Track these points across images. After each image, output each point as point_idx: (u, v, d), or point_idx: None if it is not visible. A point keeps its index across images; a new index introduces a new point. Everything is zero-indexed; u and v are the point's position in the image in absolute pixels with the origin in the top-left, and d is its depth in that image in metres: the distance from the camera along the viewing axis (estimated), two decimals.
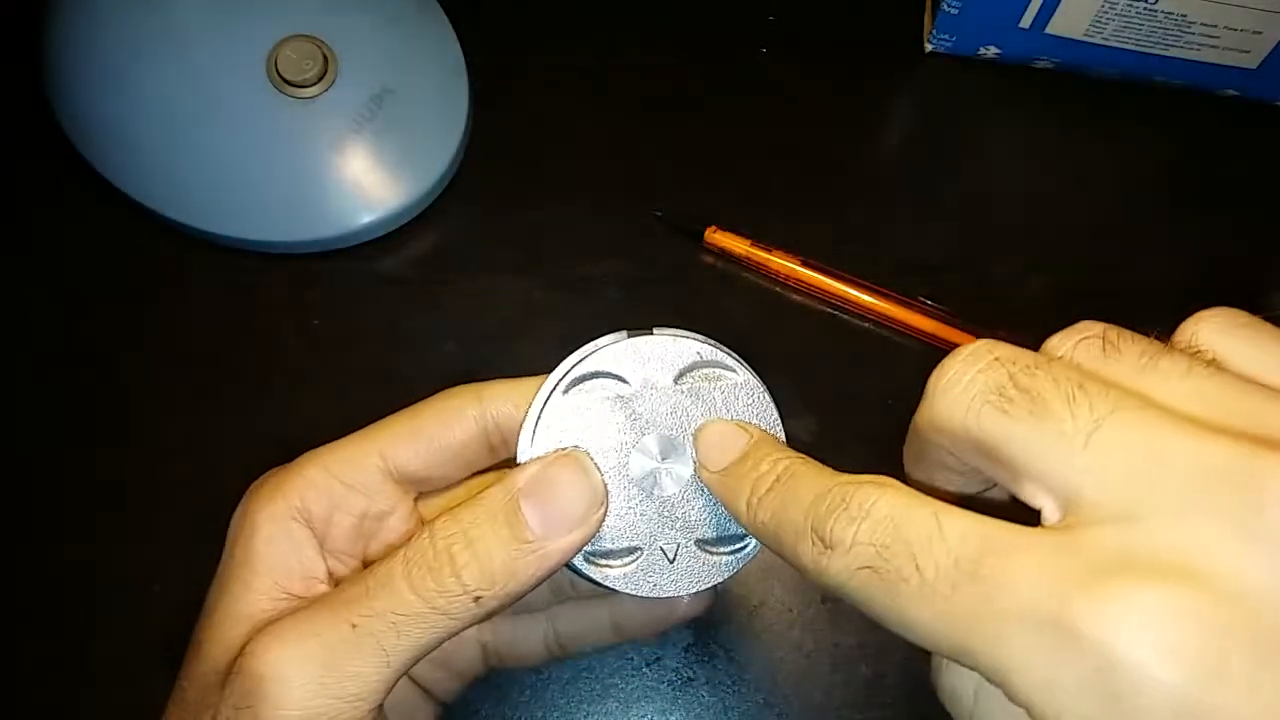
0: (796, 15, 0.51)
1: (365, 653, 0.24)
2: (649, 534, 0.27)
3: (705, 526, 0.27)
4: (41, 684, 0.38)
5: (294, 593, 0.27)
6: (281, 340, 0.44)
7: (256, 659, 0.24)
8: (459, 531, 0.25)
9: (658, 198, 0.46)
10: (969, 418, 0.19)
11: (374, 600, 0.24)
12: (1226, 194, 0.49)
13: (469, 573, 0.24)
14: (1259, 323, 0.20)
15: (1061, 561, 0.17)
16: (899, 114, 0.51)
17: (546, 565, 0.25)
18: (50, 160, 0.45)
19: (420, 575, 0.24)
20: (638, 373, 0.27)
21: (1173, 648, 0.15)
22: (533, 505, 0.25)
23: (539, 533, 0.25)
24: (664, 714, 0.38)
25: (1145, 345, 0.19)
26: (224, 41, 0.43)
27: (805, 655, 0.39)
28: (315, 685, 0.23)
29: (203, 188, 0.43)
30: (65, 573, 0.40)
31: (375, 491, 0.28)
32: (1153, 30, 0.46)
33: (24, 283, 0.44)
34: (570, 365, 0.27)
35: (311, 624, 0.24)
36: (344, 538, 0.28)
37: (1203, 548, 0.16)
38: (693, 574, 0.27)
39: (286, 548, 0.27)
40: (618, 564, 0.27)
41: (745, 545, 0.28)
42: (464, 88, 0.47)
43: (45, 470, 0.41)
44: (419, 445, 0.28)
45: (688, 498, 0.27)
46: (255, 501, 0.27)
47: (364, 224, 0.44)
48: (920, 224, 0.47)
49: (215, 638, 0.26)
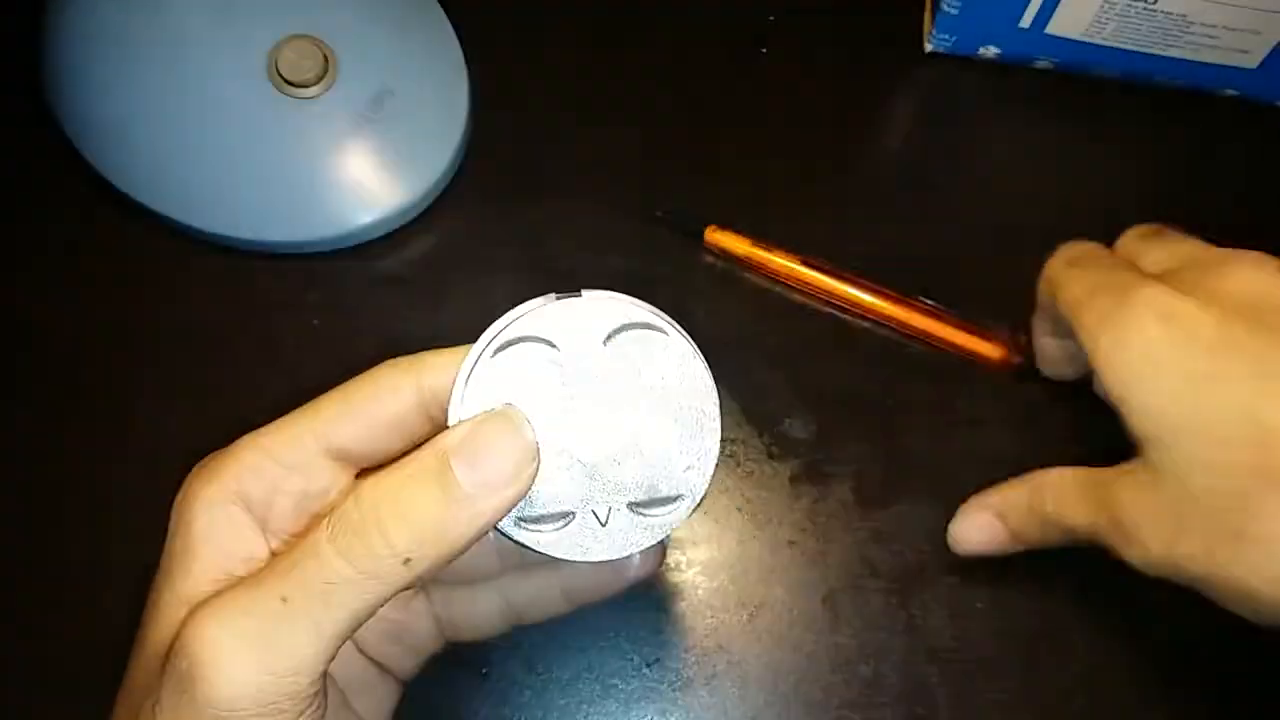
0: (796, 15, 0.51)
1: (297, 625, 0.23)
2: (580, 497, 0.27)
3: (637, 489, 0.27)
4: (42, 684, 0.38)
5: (236, 574, 0.26)
6: (281, 340, 0.44)
7: (190, 640, 0.23)
8: (386, 493, 0.24)
9: (658, 198, 0.46)
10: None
11: (302, 570, 0.24)
12: (1226, 194, 0.49)
13: (397, 534, 0.24)
14: (1156, 229, 0.38)
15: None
16: (899, 114, 0.51)
17: (478, 524, 0.25)
18: (50, 160, 0.45)
19: (346, 540, 0.24)
20: (566, 336, 0.27)
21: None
22: (463, 462, 0.25)
23: (470, 490, 0.24)
24: (664, 714, 0.38)
25: (1143, 242, 0.38)
26: (224, 41, 0.43)
27: (805, 655, 0.39)
28: (251, 662, 0.23)
29: (202, 187, 0.43)
30: (66, 572, 0.40)
31: (313, 470, 0.28)
32: (1152, 30, 0.46)
33: (24, 282, 0.44)
34: (498, 330, 0.27)
35: (242, 601, 0.24)
36: (285, 518, 0.28)
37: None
38: (626, 537, 0.27)
39: (226, 531, 0.27)
40: (549, 528, 0.27)
41: (677, 506, 0.28)
42: (464, 88, 0.47)
43: (45, 470, 0.41)
44: (354, 421, 0.28)
45: (619, 460, 0.27)
46: (192, 488, 0.27)
47: (364, 224, 0.44)
48: (920, 224, 0.47)
49: (157, 623, 0.26)
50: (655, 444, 0.27)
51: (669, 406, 0.27)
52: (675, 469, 0.28)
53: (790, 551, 0.40)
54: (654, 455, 0.27)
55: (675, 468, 0.28)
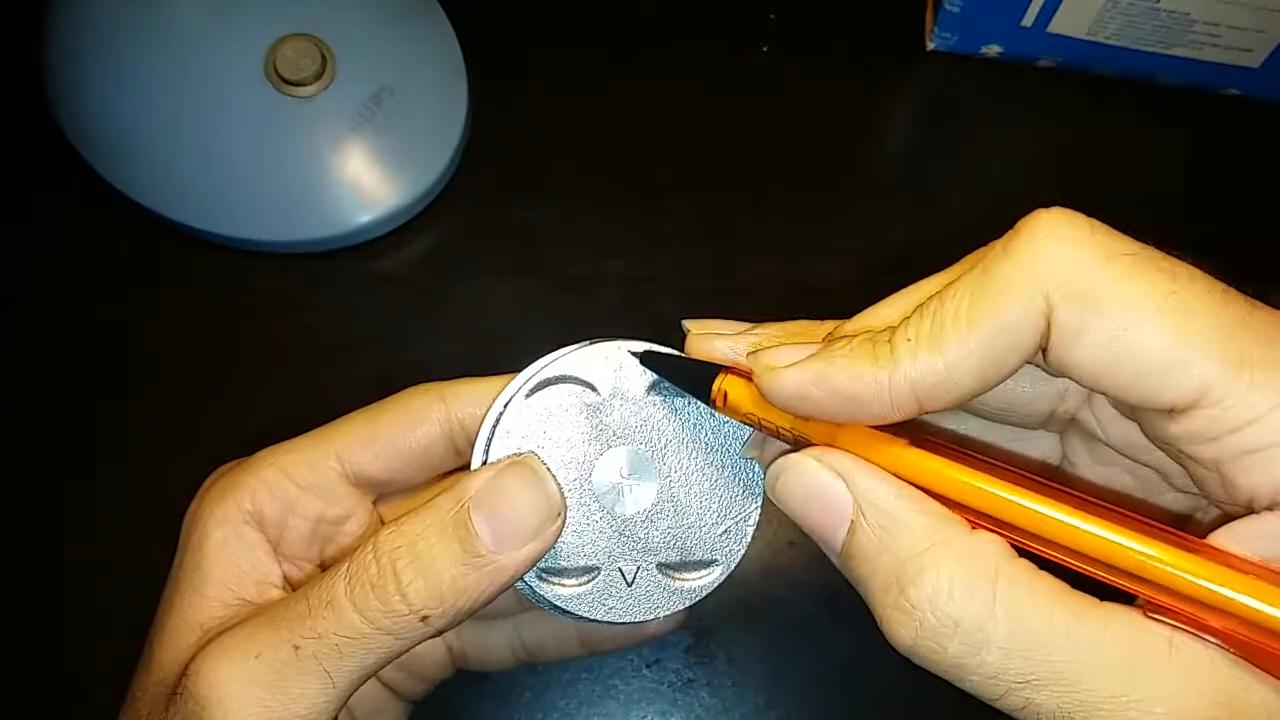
0: (797, 14, 0.51)
1: (308, 675, 0.23)
2: (608, 553, 0.26)
3: (669, 549, 0.26)
4: (42, 684, 0.38)
5: (247, 598, 0.26)
6: (280, 340, 0.44)
7: (199, 680, 0.23)
8: (404, 545, 0.23)
9: (657, 198, 0.46)
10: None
11: (316, 620, 0.23)
12: (1227, 192, 0.49)
13: (415, 591, 0.23)
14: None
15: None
16: (900, 113, 0.51)
17: (499, 581, 0.24)
18: (50, 160, 0.45)
19: (363, 594, 0.23)
20: (608, 380, 0.26)
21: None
22: (484, 516, 0.24)
23: (491, 546, 0.23)
24: (664, 715, 0.38)
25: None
26: (222, 41, 0.43)
27: (805, 656, 0.39)
28: (258, 708, 0.23)
29: (201, 187, 0.43)
30: (65, 572, 0.40)
31: (331, 495, 0.27)
32: (1155, 29, 0.46)
33: (23, 282, 0.44)
34: (537, 369, 0.26)
35: (254, 643, 0.23)
36: (299, 542, 0.27)
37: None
38: (651, 599, 0.26)
39: (238, 552, 0.26)
40: (572, 583, 0.26)
41: (710, 572, 0.26)
42: (464, 88, 0.47)
43: (45, 470, 0.41)
44: (377, 448, 0.27)
45: (652, 518, 0.26)
46: (206, 503, 0.27)
47: (363, 224, 0.44)
48: (921, 223, 0.47)
49: (166, 645, 0.25)
50: (692, 504, 0.26)
51: (709, 465, 0.26)
52: (711, 532, 0.26)
53: (791, 552, 0.40)
54: (689, 516, 0.26)
55: (711, 531, 0.26)
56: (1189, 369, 0.19)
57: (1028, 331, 0.20)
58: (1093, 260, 0.20)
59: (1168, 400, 0.20)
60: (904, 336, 0.21)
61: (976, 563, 0.20)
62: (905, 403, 0.21)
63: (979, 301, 0.20)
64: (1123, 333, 0.19)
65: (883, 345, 0.21)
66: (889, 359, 0.21)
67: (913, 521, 0.20)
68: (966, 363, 0.20)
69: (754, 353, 0.23)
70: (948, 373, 0.20)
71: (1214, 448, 0.20)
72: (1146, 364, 0.19)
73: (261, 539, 0.27)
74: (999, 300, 0.20)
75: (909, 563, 0.20)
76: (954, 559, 0.20)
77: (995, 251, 0.21)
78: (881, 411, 0.21)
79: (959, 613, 0.19)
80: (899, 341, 0.21)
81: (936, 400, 0.21)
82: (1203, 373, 0.19)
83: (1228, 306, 0.20)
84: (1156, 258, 0.20)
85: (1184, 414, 0.20)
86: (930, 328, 0.21)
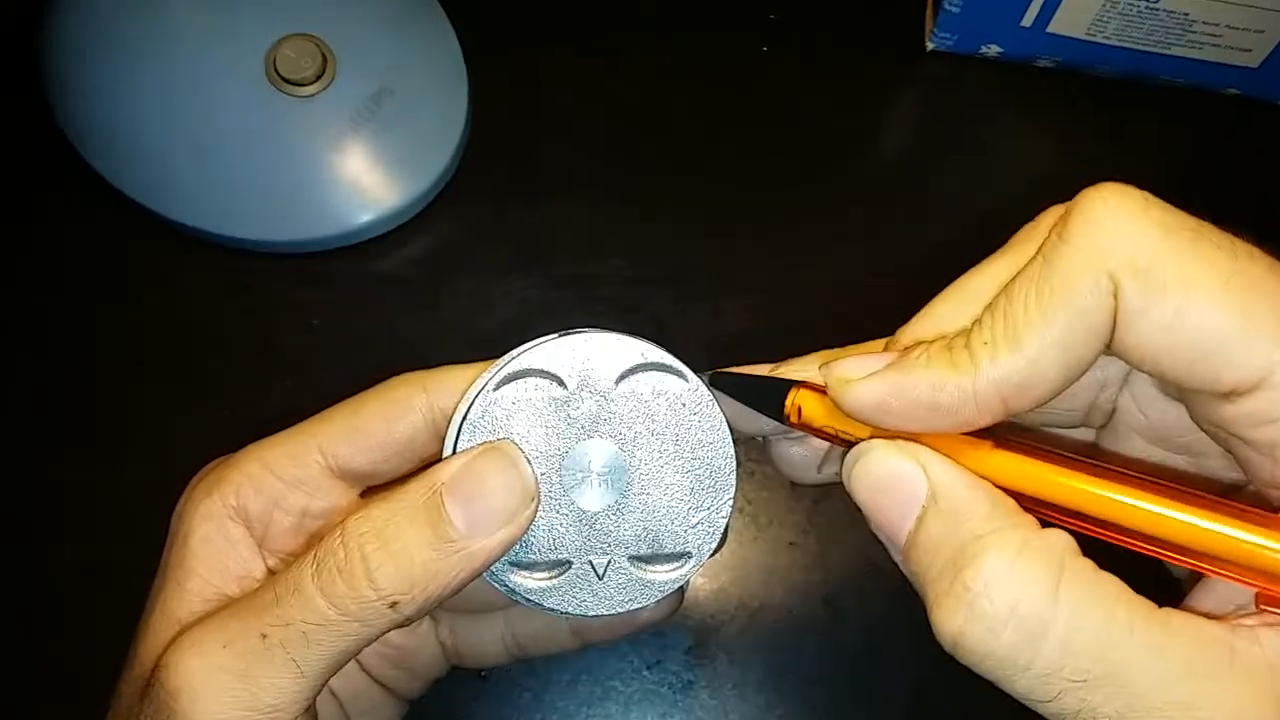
0: (797, 14, 0.51)
1: (276, 664, 0.23)
2: (578, 546, 0.25)
3: (639, 542, 0.26)
4: (43, 685, 0.38)
5: (229, 594, 0.26)
6: (281, 340, 0.44)
7: (169, 671, 0.23)
8: (372, 530, 0.23)
9: (657, 198, 0.46)
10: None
11: (283, 608, 0.23)
12: (1228, 192, 0.49)
13: (384, 576, 0.22)
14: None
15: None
16: (900, 113, 0.51)
17: (471, 567, 0.23)
18: (50, 160, 0.45)
19: (330, 580, 0.23)
20: (576, 373, 0.25)
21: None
22: (458, 501, 0.23)
23: (464, 531, 0.23)
24: (664, 717, 0.38)
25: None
26: (222, 41, 0.43)
27: (805, 657, 0.39)
28: (227, 698, 0.22)
29: (202, 187, 0.43)
30: (65, 573, 0.40)
31: (316, 488, 0.27)
32: (1154, 29, 0.46)
33: (23, 282, 0.44)
34: (505, 361, 0.26)
35: (224, 632, 0.23)
36: (285, 536, 0.27)
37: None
38: (622, 593, 0.26)
39: (221, 547, 0.26)
40: (543, 576, 0.25)
41: (682, 565, 0.26)
42: (464, 88, 0.47)
43: (45, 470, 0.41)
44: (361, 441, 0.26)
45: (622, 510, 0.25)
46: (191, 499, 0.27)
47: (363, 223, 0.44)
48: (920, 223, 0.47)
49: (147, 640, 0.25)
50: (662, 496, 0.26)
51: (680, 456, 0.26)
52: (682, 524, 0.26)
53: (791, 553, 0.40)
54: (660, 508, 0.26)
55: (682, 523, 0.26)
56: (1254, 350, 0.19)
57: (1101, 313, 0.20)
58: (1153, 236, 0.20)
59: (1230, 382, 0.19)
60: (980, 339, 0.20)
61: (1041, 552, 0.19)
62: (992, 406, 0.20)
63: (1048, 292, 0.20)
64: (1186, 311, 0.19)
65: (960, 351, 0.21)
66: (969, 364, 0.20)
67: (981, 510, 0.20)
68: (1048, 356, 0.20)
69: (825, 365, 0.22)
70: (1031, 369, 0.20)
71: (1272, 430, 0.19)
72: (1211, 344, 0.19)
73: (245, 534, 0.26)
74: (1067, 288, 0.20)
75: (970, 544, 0.19)
76: (1019, 543, 0.19)
77: (1052, 238, 0.21)
78: (968, 418, 0.21)
79: (1018, 598, 0.19)
80: (976, 345, 0.20)
81: (1023, 400, 0.20)
82: (1268, 354, 0.18)
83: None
84: (1215, 234, 0.20)
85: (1243, 396, 0.19)
86: (1005, 327, 0.20)
